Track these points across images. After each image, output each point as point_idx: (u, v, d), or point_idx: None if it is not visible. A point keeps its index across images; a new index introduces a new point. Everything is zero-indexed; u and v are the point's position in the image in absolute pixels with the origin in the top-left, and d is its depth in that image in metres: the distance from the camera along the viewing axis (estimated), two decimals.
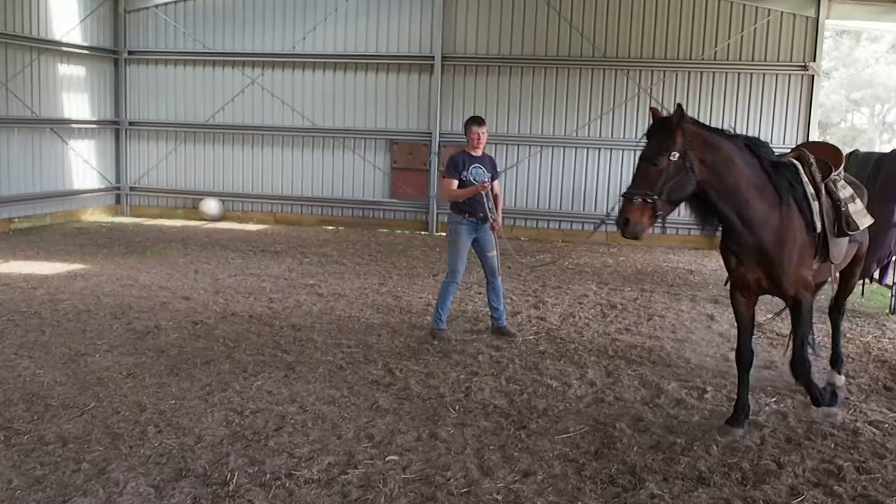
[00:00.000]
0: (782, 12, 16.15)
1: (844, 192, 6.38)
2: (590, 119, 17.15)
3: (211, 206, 18.45)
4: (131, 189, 19.49)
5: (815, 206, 5.98)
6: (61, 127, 17.71)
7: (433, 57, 17.54)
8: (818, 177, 6.18)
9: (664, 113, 5.76)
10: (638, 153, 5.73)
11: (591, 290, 11.61)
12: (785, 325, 9.63)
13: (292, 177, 18.72)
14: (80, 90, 18.44)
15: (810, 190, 6.01)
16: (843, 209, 6.25)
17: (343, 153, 18.36)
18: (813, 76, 16.25)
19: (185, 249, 14.12)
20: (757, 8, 16.26)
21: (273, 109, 18.71)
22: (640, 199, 5.48)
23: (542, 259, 14.16)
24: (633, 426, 6.18)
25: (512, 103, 17.51)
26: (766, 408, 6.72)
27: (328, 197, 18.59)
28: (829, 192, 6.25)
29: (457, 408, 6.49)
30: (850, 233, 6.31)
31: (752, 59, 16.39)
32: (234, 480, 5.05)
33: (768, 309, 9.64)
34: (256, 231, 17.20)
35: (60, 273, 11.72)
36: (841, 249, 6.35)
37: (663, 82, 16.75)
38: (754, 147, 5.94)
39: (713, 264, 14.44)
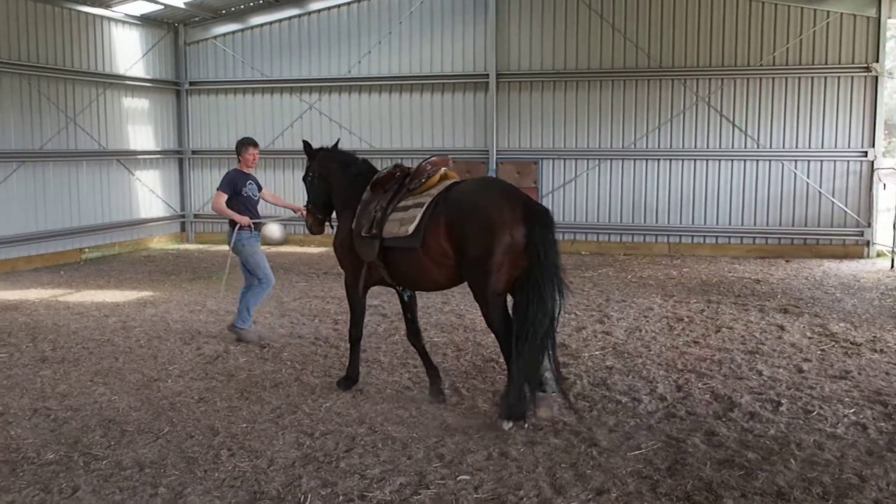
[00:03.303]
0: (842, 14, 15.83)
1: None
2: (647, 130, 16.99)
3: (273, 230, 18.47)
4: (195, 216, 19.88)
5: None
6: (127, 158, 18.17)
7: (487, 75, 17.58)
8: None
9: None
10: (699, 162, 5.76)
11: (655, 303, 11.47)
12: (860, 334, 9.40)
13: None
14: (144, 122, 18.92)
15: None
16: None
17: None
18: (876, 77, 15.86)
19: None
20: (815, 11, 15.96)
21: (331, 133, 18.89)
22: None
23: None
24: (707, 441, 6.07)
25: (568, 117, 17.45)
26: (845, 419, 6.54)
27: None
28: None
29: (526, 426, 6.44)
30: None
31: (813, 63, 16.07)
32: (308, 502, 5.08)
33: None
34: (318, 254, 17.38)
35: (131, 300, 11.99)
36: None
37: (721, 90, 16.52)
38: None
39: (780, 273, 14.16)
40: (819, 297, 11.92)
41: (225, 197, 9.28)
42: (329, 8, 18.62)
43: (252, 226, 9.36)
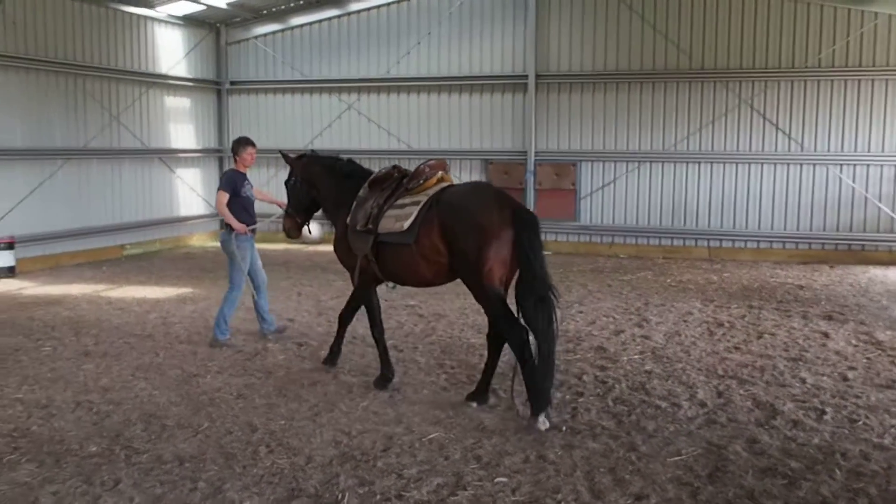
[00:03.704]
0: (890, 16, 15.53)
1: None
2: (688, 133, 16.81)
3: (311, 229, 18.73)
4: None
5: None
6: (168, 156, 18.38)
7: (527, 76, 17.53)
8: None
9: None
10: (741, 166, 5.76)
11: (695, 308, 11.33)
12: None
13: None
14: (185, 121, 19.13)
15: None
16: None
17: None
18: None
19: (287, 272, 14.38)
20: (863, 12, 15.67)
21: (369, 133, 19.01)
22: None
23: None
24: (749, 449, 5.98)
25: (608, 119, 17.33)
26: (892, 429, 6.40)
27: None
28: None
29: (563, 429, 6.39)
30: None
31: (860, 65, 15.78)
32: (346, 501, 5.09)
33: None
34: None
35: (171, 297, 12.11)
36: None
37: (765, 92, 16.29)
38: None
39: (824, 279, 13.94)
40: (864, 304, 11.70)
41: (227, 197, 9.15)
42: (369, 9, 18.68)
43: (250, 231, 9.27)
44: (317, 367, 8.27)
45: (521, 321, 6.48)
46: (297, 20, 19.25)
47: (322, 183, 8.04)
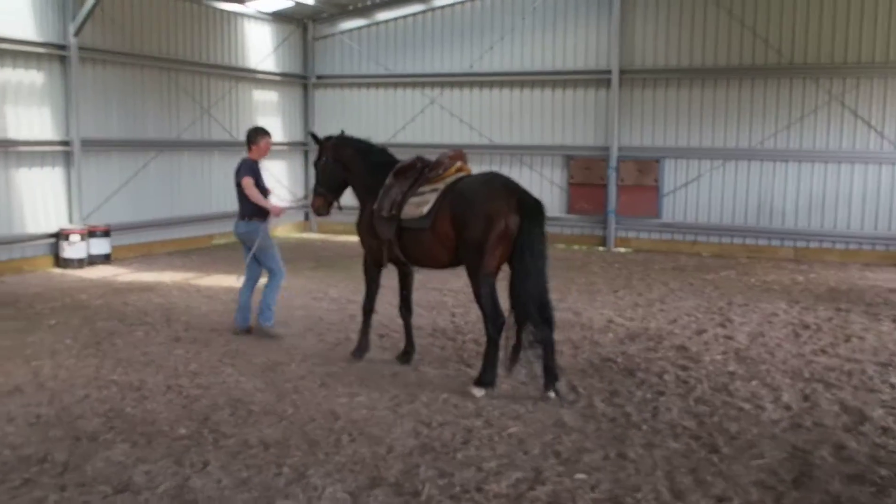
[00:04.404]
0: None
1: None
2: (776, 130, 16.43)
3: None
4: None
5: None
6: None
7: (610, 71, 17.37)
8: None
9: None
10: (830, 165, 5.69)
11: (780, 309, 11.11)
12: None
13: None
14: (272, 114, 19.56)
15: None
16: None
17: (520, 169, 18.45)
18: None
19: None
20: None
21: (451, 128, 19.12)
22: None
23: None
24: (836, 454, 5.86)
25: (692, 116, 17.06)
26: None
27: None
28: None
29: (644, 428, 6.38)
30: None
31: None
32: (426, 491, 5.17)
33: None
34: None
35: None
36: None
37: (857, 88, 15.79)
38: None
39: None
40: None
41: (252, 182, 9.12)
42: (453, 4, 18.78)
43: (269, 217, 9.28)
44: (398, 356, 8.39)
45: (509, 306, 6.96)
46: (382, 15, 19.49)
47: (355, 166, 8.28)
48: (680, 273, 14.28)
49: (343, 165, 8.36)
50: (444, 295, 11.77)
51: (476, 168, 18.85)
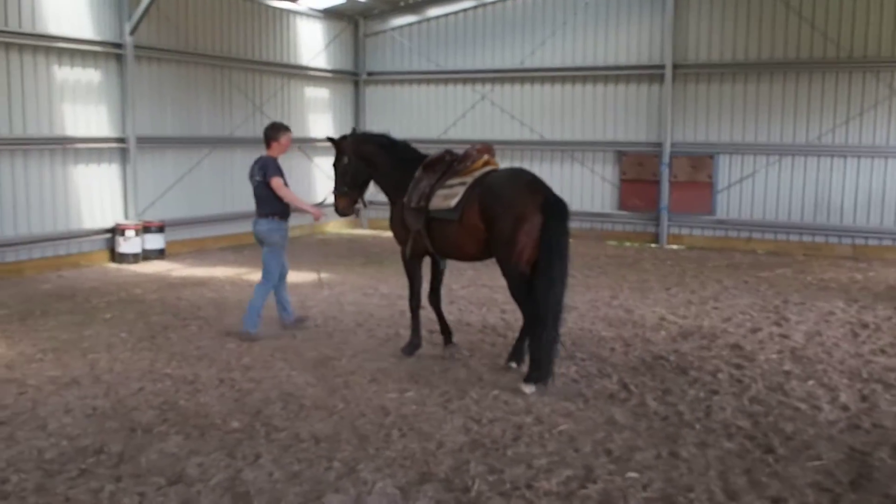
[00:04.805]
0: None
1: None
2: (834, 125, 16.06)
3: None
4: (369, 203, 20.43)
5: None
6: (308, 145, 18.94)
7: (664, 66, 17.14)
8: None
9: None
10: (891, 160, 5.54)
11: (838, 308, 10.86)
12: None
13: None
14: (323, 111, 19.70)
15: None
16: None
17: (571, 165, 18.34)
18: None
19: None
20: None
21: (502, 124, 19.04)
22: None
23: None
24: (895, 456, 5.70)
25: (748, 111, 16.75)
26: None
27: None
28: None
29: (697, 427, 6.28)
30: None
31: None
32: (476, 487, 5.15)
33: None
34: None
35: (308, 282, 12.50)
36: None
37: None
38: None
39: None
40: None
41: (283, 182, 9.06)
42: None
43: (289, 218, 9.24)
44: (447, 352, 8.38)
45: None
46: (433, 12, 19.47)
47: (380, 162, 8.36)
48: (734, 270, 14.05)
49: (367, 162, 8.40)
50: (495, 292, 11.73)
51: (527, 165, 18.89)
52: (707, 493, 5.11)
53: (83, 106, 14.07)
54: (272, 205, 9.08)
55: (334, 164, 8.67)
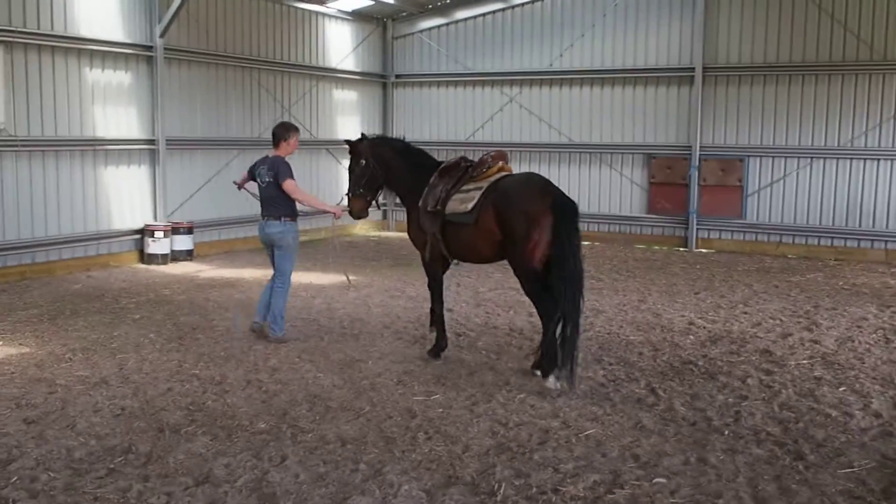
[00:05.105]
0: None
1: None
2: (866, 128, 15.85)
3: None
4: (396, 205, 20.46)
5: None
6: (336, 147, 18.98)
7: (693, 68, 17.00)
8: None
9: None
10: None
11: (870, 313, 10.71)
12: None
13: None
14: (351, 113, 19.75)
15: None
16: None
17: (599, 168, 18.26)
18: None
19: None
20: None
21: (530, 126, 18.99)
22: None
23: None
24: None
25: (779, 113, 16.57)
26: None
27: (584, 212, 18.14)
28: None
29: (725, 433, 6.21)
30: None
31: None
32: (502, 491, 5.13)
33: None
34: None
35: (334, 283, 12.55)
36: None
37: None
38: None
39: None
40: None
41: (296, 185, 8.92)
42: (532, 1, 18.62)
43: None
44: (474, 357, 8.38)
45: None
46: (461, 14, 19.46)
47: (396, 167, 8.52)
48: (764, 275, 13.91)
49: (384, 166, 8.53)
50: (523, 295, 11.60)
51: (555, 168, 18.81)
52: (736, 499, 5.05)
53: (114, 107, 14.21)
54: (283, 206, 8.88)
55: (350, 167, 8.77)
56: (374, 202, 8.83)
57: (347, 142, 8.86)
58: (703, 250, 17.06)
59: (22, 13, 12.56)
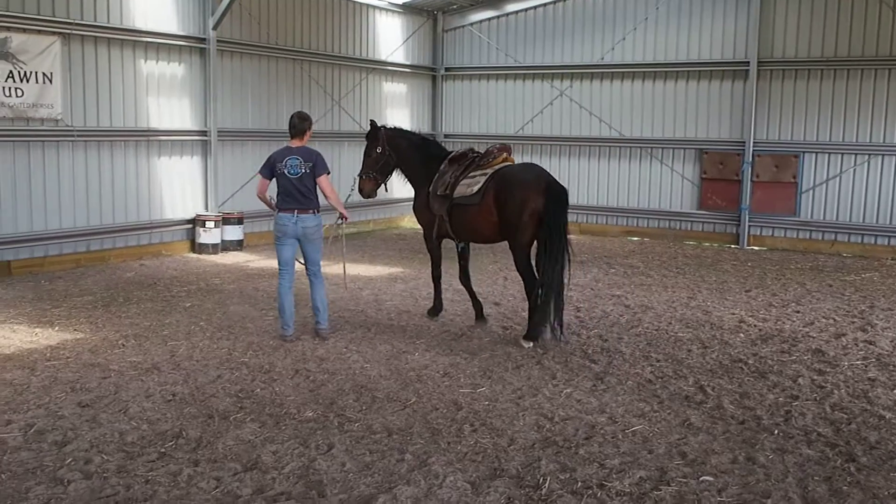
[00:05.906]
0: None
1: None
2: None
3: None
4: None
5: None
6: None
7: (748, 62, 16.72)
8: None
9: None
10: None
11: None
12: None
13: (598, 187, 18.73)
14: (401, 106, 19.80)
15: None
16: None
17: (650, 163, 18.07)
18: None
19: (493, 257, 14.52)
20: None
21: (580, 120, 18.85)
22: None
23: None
24: None
25: (836, 109, 16.22)
26: None
27: (634, 207, 18.36)
28: None
29: (775, 432, 6.12)
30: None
31: None
32: (547, 485, 5.11)
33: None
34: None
35: (382, 275, 12.61)
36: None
37: None
38: None
39: None
40: None
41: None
42: None
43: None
44: (520, 351, 8.35)
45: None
46: (512, 7, 19.38)
47: (411, 156, 9.56)
48: (818, 273, 13.65)
49: (399, 155, 9.54)
50: (569, 290, 11.60)
51: (605, 163, 18.62)
52: (785, 499, 4.97)
53: (167, 99, 14.43)
54: (315, 199, 8.75)
55: (367, 152, 9.70)
56: (383, 185, 9.80)
57: (372, 124, 9.73)
58: (755, 248, 16.79)
59: (80, 6, 12.81)
